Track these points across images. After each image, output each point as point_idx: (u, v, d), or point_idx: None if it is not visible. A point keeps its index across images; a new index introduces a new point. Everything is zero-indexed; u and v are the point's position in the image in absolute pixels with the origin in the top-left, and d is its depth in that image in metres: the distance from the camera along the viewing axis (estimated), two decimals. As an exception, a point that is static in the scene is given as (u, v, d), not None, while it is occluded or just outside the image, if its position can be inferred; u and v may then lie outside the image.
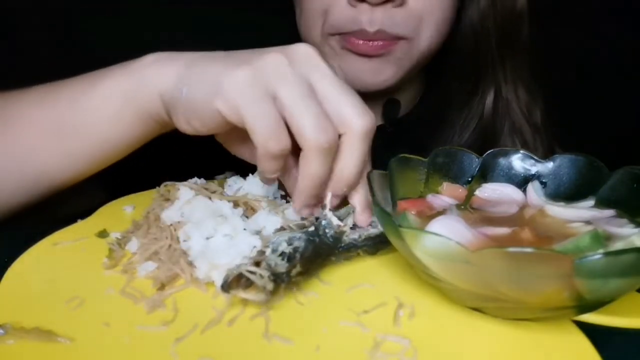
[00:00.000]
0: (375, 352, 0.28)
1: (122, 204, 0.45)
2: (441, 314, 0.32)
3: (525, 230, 0.33)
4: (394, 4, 0.52)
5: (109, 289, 0.33)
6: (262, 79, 0.34)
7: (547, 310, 0.30)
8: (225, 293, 0.31)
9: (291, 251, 0.33)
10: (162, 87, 0.38)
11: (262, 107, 0.33)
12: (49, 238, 0.39)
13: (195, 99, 0.36)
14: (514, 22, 0.60)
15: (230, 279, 0.31)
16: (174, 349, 0.28)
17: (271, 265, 0.32)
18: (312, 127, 0.33)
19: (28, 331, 0.28)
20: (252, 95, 0.34)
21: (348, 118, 0.35)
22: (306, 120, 0.33)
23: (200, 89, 0.36)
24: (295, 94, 0.34)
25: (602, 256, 0.25)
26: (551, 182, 0.41)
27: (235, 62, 0.35)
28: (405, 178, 0.40)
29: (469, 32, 0.61)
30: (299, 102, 0.34)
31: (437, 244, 0.28)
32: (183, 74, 0.37)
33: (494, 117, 0.63)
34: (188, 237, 0.36)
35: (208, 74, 0.35)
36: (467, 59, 0.62)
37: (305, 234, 0.35)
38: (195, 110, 0.36)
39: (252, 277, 0.31)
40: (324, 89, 0.35)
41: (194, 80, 0.36)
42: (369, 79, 0.57)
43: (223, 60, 0.36)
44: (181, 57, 0.39)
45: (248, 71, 0.34)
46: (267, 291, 0.31)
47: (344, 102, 0.35)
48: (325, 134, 0.34)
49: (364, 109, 0.35)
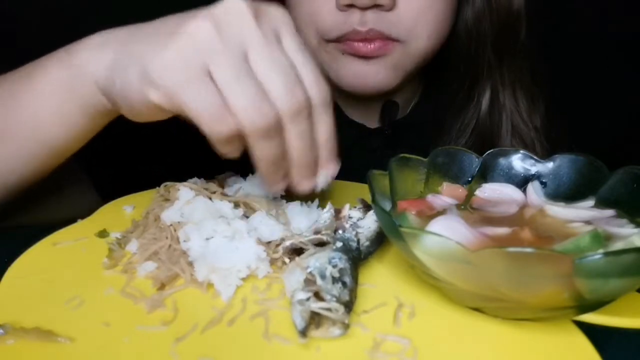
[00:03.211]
0: (375, 352, 0.28)
1: (122, 204, 0.45)
2: (441, 314, 0.32)
3: (525, 230, 0.33)
4: (384, 8, 0.52)
5: (109, 288, 0.33)
6: (191, 56, 0.31)
7: (547, 310, 0.30)
8: (304, 338, 0.28)
9: (337, 274, 0.32)
10: (97, 76, 0.35)
11: (198, 90, 0.31)
12: (49, 238, 0.39)
13: (128, 91, 0.33)
14: (510, 23, 0.60)
15: (307, 322, 0.29)
16: (174, 349, 0.28)
17: (337, 296, 0.30)
18: (248, 109, 0.31)
19: (28, 331, 0.28)
20: (184, 77, 0.31)
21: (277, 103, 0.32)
22: (241, 101, 0.31)
23: (131, 79, 0.32)
24: (227, 71, 0.31)
25: (602, 256, 0.25)
26: (551, 182, 0.41)
27: (161, 38, 0.32)
28: (405, 178, 0.40)
29: (463, 33, 0.61)
30: (232, 80, 0.31)
31: (437, 244, 0.28)
32: (114, 61, 0.34)
33: (491, 120, 0.63)
34: (188, 237, 0.36)
35: (135, 58, 0.32)
36: (463, 62, 0.62)
37: (339, 251, 0.34)
38: (132, 103, 0.33)
39: (329, 314, 0.29)
40: (256, 64, 0.32)
41: (123, 68, 0.33)
42: (369, 81, 0.57)
43: (150, 39, 0.33)
44: (115, 37, 0.35)
45: (174, 50, 0.31)
46: (346, 325, 0.29)
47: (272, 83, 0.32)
48: (261, 116, 0.31)
49: (293, 87, 0.32)
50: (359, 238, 0.37)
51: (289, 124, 0.32)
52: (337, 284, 0.31)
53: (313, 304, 0.29)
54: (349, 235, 0.36)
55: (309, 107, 0.33)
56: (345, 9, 0.52)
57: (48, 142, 0.39)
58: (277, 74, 0.32)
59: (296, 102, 0.32)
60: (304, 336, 0.28)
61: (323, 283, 0.31)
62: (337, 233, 0.36)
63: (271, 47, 0.32)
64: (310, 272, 0.32)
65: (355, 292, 0.33)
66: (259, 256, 0.35)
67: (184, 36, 0.31)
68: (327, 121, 0.34)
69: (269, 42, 0.32)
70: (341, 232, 0.36)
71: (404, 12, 0.53)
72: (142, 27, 0.35)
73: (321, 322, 0.29)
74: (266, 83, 0.31)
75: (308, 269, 0.32)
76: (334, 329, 0.29)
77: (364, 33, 0.53)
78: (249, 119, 0.31)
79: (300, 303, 0.30)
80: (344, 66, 0.56)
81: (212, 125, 0.31)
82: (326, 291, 0.30)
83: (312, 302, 0.29)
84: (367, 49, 0.54)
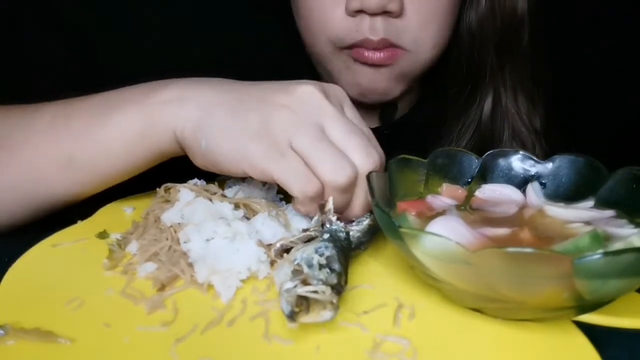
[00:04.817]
0: (375, 353, 0.28)
1: (122, 205, 0.45)
2: (441, 314, 0.32)
3: (525, 230, 0.33)
4: (392, 15, 0.52)
5: (109, 289, 0.33)
6: (279, 137, 0.36)
7: (547, 310, 0.30)
8: (293, 323, 0.28)
9: (325, 261, 0.32)
10: (177, 129, 0.39)
11: (288, 163, 0.36)
12: (49, 239, 0.39)
13: (217, 156, 0.38)
14: (513, 28, 0.60)
15: (294, 306, 0.29)
16: (174, 350, 0.28)
17: (323, 280, 0.30)
18: (330, 170, 0.36)
19: (28, 332, 0.28)
20: (276, 155, 0.36)
21: (357, 162, 0.37)
22: (324, 165, 0.36)
23: (223, 148, 0.37)
24: (309, 143, 0.36)
25: (601, 256, 0.25)
26: (551, 182, 0.41)
27: (250, 125, 0.37)
28: (404, 179, 0.40)
29: (466, 37, 0.61)
30: (315, 149, 0.36)
31: (437, 245, 0.28)
32: (200, 123, 0.38)
33: (492, 123, 0.63)
34: (188, 239, 0.36)
35: (227, 134, 0.37)
36: (465, 65, 0.62)
37: (326, 241, 0.34)
38: (216, 162, 0.38)
39: (316, 296, 0.29)
40: (333, 133, 0.37)
41: (213, 135, 0.38)
42: (379, 88, 0.57)
43: (239, 118, 0.38)
44: (194, 95, 0.39)
45: (266, 139, 0.36)
46: (334, 306, 0.29)
47: (351, 147, 0.37)
48: (343, 174, 0.36)
49: (369, 149, 0.38)
50: (349, 230, 0.37)
51: (362, 180, 0.37)
52: (323, 269, 0.31)
53: (299, 289, 0.29)
54: (336, 227, 0.36)
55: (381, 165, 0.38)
56: (355, 14, 0.53)
57: (108, 174, 0.42)
58: (354, 136, 0.37)
59: (372, 161, 0.37)
60: (293, 320, 0.28)
61: (310, 270, 0.31)
62: (324, 227, 0.37)
63: (343, 116, 0.38)
64: (298, 263, 0.32)
65: (346, 277, 0.32)
66: (259, 258, 0.35)
67: (273, 124, 0.37)
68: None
69: (340, 115, 0.38)
70: (328, 225, 0.37)
71: (412, 20, 0.53)
72: (220, 95, 0.39)
73: (311, 308, 0.29)
74: (346, 145, 0.37)
75: (295, 262, 0.32)
76: (324, 313, 0.29)
77: (376, 42, 0.53)
78: (331, 180, 0.36)
79: (287, 291, 0.30)
80: (356, 73, 0.56)
81: (303, 188, 0.36)
82: (313, 277, 0.30)
83: (298, 288, 0.29)
84: (377, 57, 0.54)
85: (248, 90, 0.40)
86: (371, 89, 0.57)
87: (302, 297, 0.29)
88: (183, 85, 0.41)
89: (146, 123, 0.40)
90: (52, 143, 0.41)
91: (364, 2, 0.51)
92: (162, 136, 0.40)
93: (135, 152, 0.41)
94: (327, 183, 0.36)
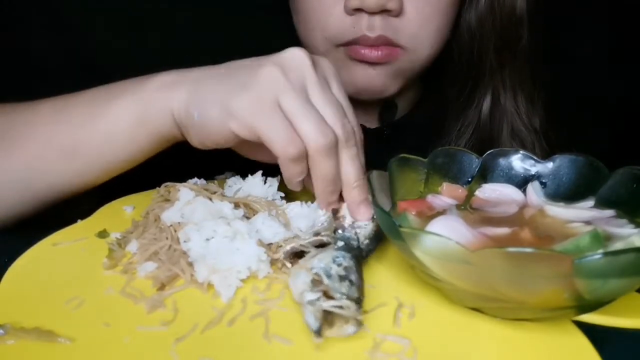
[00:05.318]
0: (375, 353, 0.28)
1: (122, 204, 0.45)
2: (441, 314, 0.32)
3: (525, 230, 0.33)
4: (392, 14, 0.52)
5: (109, 289, 0.33)
6: (266, 95, 0.37)
7: (547, 310, 0.30)
8: (319, 338, 0.28)
9: (343, 272, 0.32)
10: (174, 110, 0.40)
11: (273, 120, 0.37)
12: (49, 238, 0.39)
13: (207, 123, 0.39)
14: (513, 28, 0.60)
15: (321, 321, 0.29)
16: (174, 349, 0.28)
17: (345, 293, 0.30)
18: (313, 131, 0.37)
19: (28, 331, 0.28)
20: (262, 111, 0.37)
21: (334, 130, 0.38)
22: (307, 126, 0.37)
23: (212, 113, 0.38)
24: (295, 103, 0.37)
25: (601, 256, 0.25)
26: (551, 182, 0.41)
27: (237, 83, 0.38)
28: (405, 178, 0.40)
29: (466, 37, 0.61)
30: (299, 110, 0.37)
31: (437, 244, 0.28)
32: (192, 97, 0.39)
33: (491, 123, 0.63)
34: (188, 238, 0.36)
35: (216, 97, 0.39)
36: (464, 65, 0.62)
37: (342, 250, 0.34)
38: (209, 132, 0.39)
39: (341, 311, 0.29)
40: (312, 99, 0.38)
41: (203, 104, 0.39)
42: (375, 85, 0.57)
43: (226, 82, 0.39)
44: (186, 78, 0.41)
45: (253, 91, 0.37)
46: (358, 322, 0.29)
47: (327, 115, 0.38)
48: (325, 137, 0.37)
49: (344, 120, 0.39)
50: (359, 237, 0.37)
51: (343, 147, 0.38)
52: (344, 282, 0.31)
53: (324, 303, 0.29)
54: (349, 234, 0.36)
55: (355, 138, 0.39)
56: (354, 12, 0.53)
57: (111, 162, 0.43)
58: (330, 107, 0.38)
59: (345, 130, 0.38)
60: (319, 336, 0.28)
61: (330, 282, 0.31)
62: (337, 233, 0.36)
63: (324, 88, 0.39)
64: (316, 272, 0.32)
65: (363, 289, 0.33)
66: (259, 257, 0.35)
67: (259, 79, 0.38)
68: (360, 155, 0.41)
69: (322, 84, 0.39)
70: (340, 231, 0.36)
71: (410, 19, 0.53)
72: (211, 70, 0.41)
73: (333, 321, 0.29)
74: (323, 114, 0.38)
75: (313, 270, 0.32)
76: (347, 327, 0.29)
77: (373, 39, 0.53)
78: (313, 139, 0.37)
79: (310, 304, 0.29)
80: (352, 71, 0.56)
81: (286, 147, 0.37)
82: (335, 290, 0.30)
83: (322, 302, 0.29)
84: (374, 55, 0.54)
85: (238, 61, 0.41)
86: (367, 87, 0.57)
87: (324, 310, 0.29)
88: (174, 72, 0.42)
89: (143, 108, 0.41)
90: (55, 134, 0.42)
91: (363, 0, 0.51)
92: (160, 120, 0.41)
93: (136, 139, 0.42)
94: (311, 143, 0.37)
